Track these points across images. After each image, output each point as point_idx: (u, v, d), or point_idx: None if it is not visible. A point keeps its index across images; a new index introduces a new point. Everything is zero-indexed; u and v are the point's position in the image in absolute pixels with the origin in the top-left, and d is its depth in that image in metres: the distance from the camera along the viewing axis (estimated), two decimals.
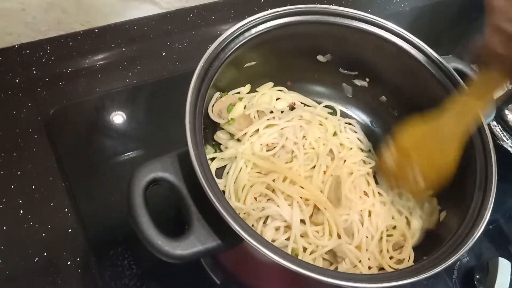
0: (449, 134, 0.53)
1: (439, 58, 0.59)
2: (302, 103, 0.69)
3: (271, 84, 0.69)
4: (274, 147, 0.61)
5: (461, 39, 0.97)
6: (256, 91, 0.68)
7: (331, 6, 0.59)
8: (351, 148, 0.64)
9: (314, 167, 0.60)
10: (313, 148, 0.62)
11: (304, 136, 0.62)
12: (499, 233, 0.71)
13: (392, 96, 0.68)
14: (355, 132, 0.68)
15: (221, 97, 0.62)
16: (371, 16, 0.59)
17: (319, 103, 0.70)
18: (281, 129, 0.62)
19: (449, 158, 0.54)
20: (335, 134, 0.65)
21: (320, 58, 0.67)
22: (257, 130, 0.62)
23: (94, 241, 0.59)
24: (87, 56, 0.74)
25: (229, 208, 0.42)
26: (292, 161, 0.60)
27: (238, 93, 0.66)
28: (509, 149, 0.70)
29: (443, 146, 0.54)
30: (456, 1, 1.03)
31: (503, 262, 0.62)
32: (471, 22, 1.00)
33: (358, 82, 0.69)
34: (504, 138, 0.70)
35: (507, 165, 0.57)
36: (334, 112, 0.70)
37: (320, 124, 0.65)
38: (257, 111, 0.64)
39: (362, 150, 0.66)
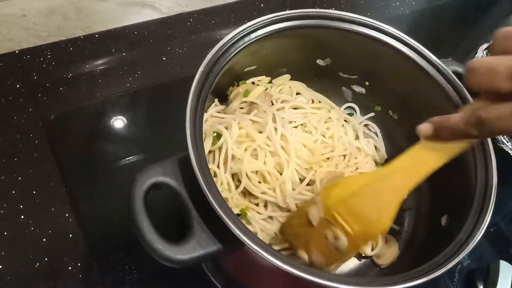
0: (389, 188, 0.46)
1: (438, 62, 0.59)
2: (320, 102, 0.68)
3: (289, 76, 0.66)
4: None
5: (460, 43, 0.97)
6: (271, 83, 0.65)
7: (330, 10, 0.59)
8: (367, 156, 0.64)
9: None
10: (331, 138, 0.61)
11: (328, 128, 0.61)
12: (500, 236, 0.71)
13: (392, 99, 0.68)
14: (373, 137, 0.68)
15: (238, 85, 0.61)
16: (370, 20, 0.60)
17: None
18: (307, 113, 0.60)
19: (384, 216, 0.46)
20: (357, 137, 0.65)
21: (319, 62, 0.67)
22: (283, 108, 0.59)
23: (95, 246, 0.59)
24: (88, 61, 0.74)
25: (229, 212, 0.42)
26: None
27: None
28: (510, 151, 0.70)
29: (380, 202, 0.46)
30: (455, 4, 1.03)
31: (504, 265, 0.62)
32: (470, 25, 1.01)
33: (356, 89, 0.69)
34: (504, 141, 0.70)
35: (508, 167, 0.57)
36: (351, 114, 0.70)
37: (343, 126, 0.64)
38: (282, 100, 0.61)
39: (376, 163, 0.66)
